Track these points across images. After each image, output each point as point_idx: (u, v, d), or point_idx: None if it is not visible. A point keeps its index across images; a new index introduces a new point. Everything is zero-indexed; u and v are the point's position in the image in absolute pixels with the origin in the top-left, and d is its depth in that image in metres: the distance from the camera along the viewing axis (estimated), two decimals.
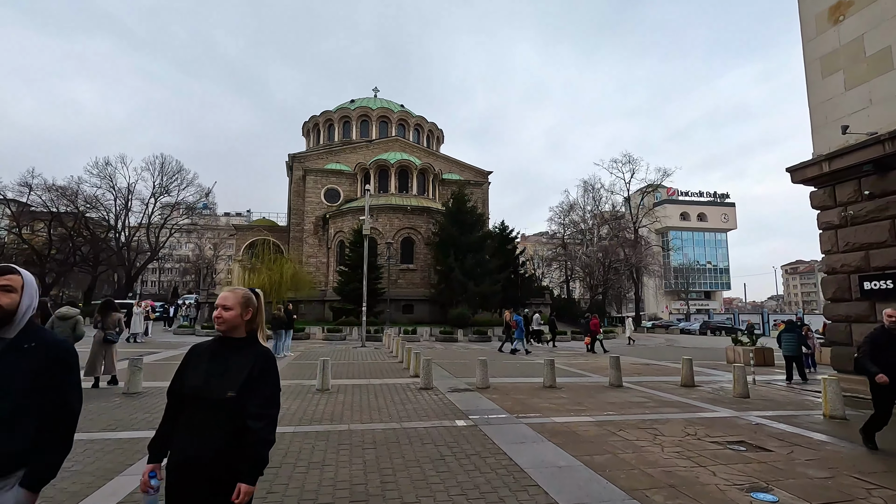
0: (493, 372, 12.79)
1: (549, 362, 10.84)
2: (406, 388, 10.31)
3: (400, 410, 7.95)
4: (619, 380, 11.01)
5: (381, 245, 37.74)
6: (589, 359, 18.34)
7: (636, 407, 8.61)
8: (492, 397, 9.29)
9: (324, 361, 9.83)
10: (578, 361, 17.04)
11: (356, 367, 14.04)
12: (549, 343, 25.94)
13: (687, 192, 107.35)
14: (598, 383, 11.56)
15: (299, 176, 45.45)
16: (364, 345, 21.74)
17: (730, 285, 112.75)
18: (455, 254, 34.92)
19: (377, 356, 17.46)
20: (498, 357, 18.32)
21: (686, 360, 11.44)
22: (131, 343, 20.90)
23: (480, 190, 47.95)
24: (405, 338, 26.32)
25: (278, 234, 47.78)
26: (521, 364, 15.86)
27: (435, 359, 16.51)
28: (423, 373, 10.23)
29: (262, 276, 35.17)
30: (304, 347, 20.75)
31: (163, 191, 53.32)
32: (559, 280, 74.92)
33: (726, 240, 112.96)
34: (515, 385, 11.03)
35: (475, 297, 34.42)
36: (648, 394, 10.09)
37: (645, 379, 12.60)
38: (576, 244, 61.77)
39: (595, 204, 59.03)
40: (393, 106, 54.01)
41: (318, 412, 7.76)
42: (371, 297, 34.26)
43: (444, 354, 18.78)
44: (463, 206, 37.05)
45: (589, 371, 13.99)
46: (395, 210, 39.53)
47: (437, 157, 49.56)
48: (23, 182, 42.42)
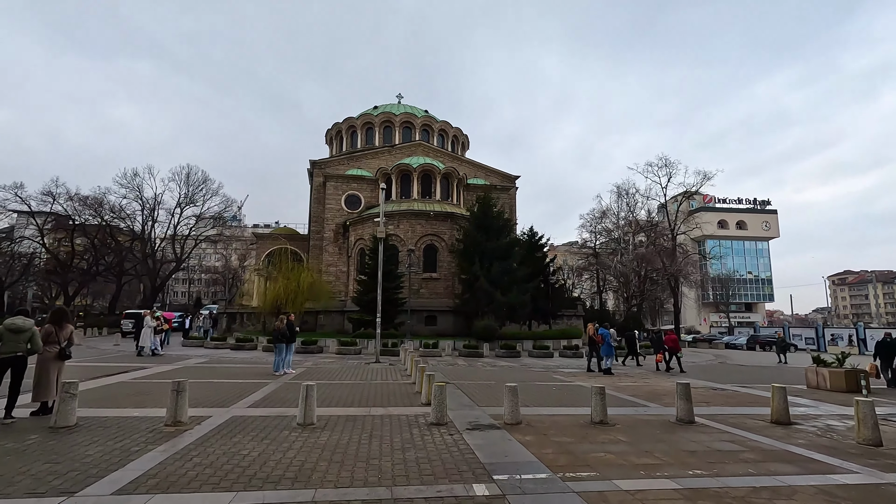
0: (525, 398, 10.42)
1: (598, 389, 8.40)
2: (413, 422, 8.04)
3: (396, 463, 5.70)
4: (689, 414, 8.48)
5: (402, 253, 35.75)
6: (637, 380, 15.68)
7: (731, 461, 6.11)
8: (525, 439, 6.94)
9: (307, 388, 7.66)
10: (626, 384, 14.43)
11: (360, 389, 11.85)
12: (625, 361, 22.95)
13: (724, 200, 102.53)
14: (660, 417, 9.05)
15: (319, 182, 44.04)
16: (378, 360, 19.57)
17: (773, 297, 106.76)
18: (480, 261, 32.57)
19: (389, 375, 15.25)
20: (528, 377, 15.86)
21: (778, 389, 8.81)
22: (140, 357, 19.29)
23: (508, 195, 45.56)
24: (425, 352, 24.07)
25: (299, 243, 46.40)
26: (558, 388, 13.38)
27: (455, 379, 14.24)
28: (436, 402, 7.95)
29: (279, 285, 33.67)
30: (311, 363, 18.72)
31: (188, 201, 53.03)
32: (590, 291, 71.58)
33: (768, 249, 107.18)
34: (554, 419, 8.62)
35: (502, 308, 31.92)
36: (735, 436, 7.54)
37: (718, 411, 9.99)
38: (608, 253, 58.58)
39: (629, 210, 55.86)
40: (416, 111, 52.38)
41: (282, 463, 5.57)
42: (391, 308, 32.23)
43: (465, 374, 16.43)
44: (489, 210, 34.74)
45: (644, 398, 11.42)
46: (418, 216, 37.53)
47: (462, 162, 47.50)
48: (46, 191, 42.32)
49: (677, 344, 20.18)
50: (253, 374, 14.39)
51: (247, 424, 7.61)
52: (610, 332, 28.30)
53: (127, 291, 63.60)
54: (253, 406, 9.31)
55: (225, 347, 25.02)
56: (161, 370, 15.15)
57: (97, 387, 11.25)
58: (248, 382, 12.54)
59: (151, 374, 14.25)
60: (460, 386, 12.73)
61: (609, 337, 17.79)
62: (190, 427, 7.25)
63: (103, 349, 23.76)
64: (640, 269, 50.12)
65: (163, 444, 6.32)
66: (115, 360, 18.53)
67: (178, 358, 19.51)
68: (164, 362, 17.47)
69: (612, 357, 17.88)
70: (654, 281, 54.31)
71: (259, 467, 5.40)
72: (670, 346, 19.67)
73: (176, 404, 7.39)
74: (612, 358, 17.87)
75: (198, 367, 16.47)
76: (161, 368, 15.58)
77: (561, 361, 23.15)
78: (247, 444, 6.39)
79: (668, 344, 19.66)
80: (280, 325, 14.80)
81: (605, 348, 17.54)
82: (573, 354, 25.69)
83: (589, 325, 19.42)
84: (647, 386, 14.06)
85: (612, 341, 23.43)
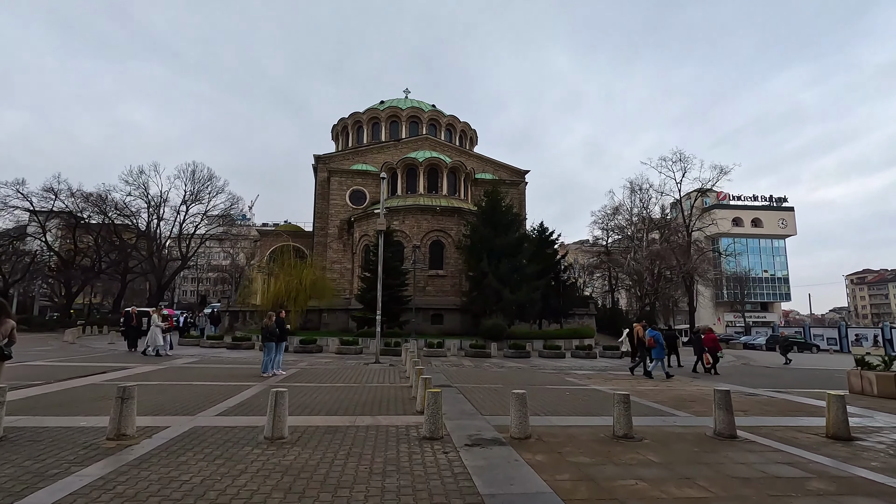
0: (536, 405, 9.19)
1: (622, 398, 7.11)
2: (403, 435, 6.83)
3: (371, 494, 4.48)
4: (731, 427, 7.17)
5: (407, 249, 34.60)
6: (659, 384, 14.33)
7: (798, 492, 4.81)
8: (535, 460, 5.69)
9: (276, 395, 6.47)
10: (647, 388, 13.11)
11: (351, 394, 10.67)
12: None
13: (739, 197, 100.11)
14: (694, 430, 7.74)
15: (324, 178, 43.01)
16: (378, 360, 18.41)
17: (789, 296, 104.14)
18: (489, 258, 31.31)
19: (387, 377, 14.06)
20: (538, 380, 14.59)
21: (835, 398, 7.43)
22: (149, 356, 18.26)
23: (517, 190, 44.18)
24: (430, 352, 22.87)
25: (303, 240, 45.47)
26: (572, 393, 12.09)
27: (458, 382, 13.02)
28: (429, 412, 6.72)
29: (280, 282, 32.67)
30: (306, 363, 17.59)
31: (194, 198, 52.33)
32: (602, 290, 69.90)
33: (784, 247, 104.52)
34: (570, 432, 7.35)
35: (511, 306, 30.66)
36: (791, 456, 6.23)
37: (759, 422, 8.66)
38: (621, 251, 56.96)
39: (643, 206, 54.20)
40: (423, 105, 51.20)
41: (226, 494, 4.39)
42: (396, 306, 31.09)
43: (470, 376, 15.19)
44: (497, 205, 33.45)
45: (669, 405, 10.10)
46: (424, 211, 36.35)
47: (470, 156, 46.21)
48: (48, 188, 41.70)
49: (718, 343, 18.73)
50: (239, 376, 13.27)
51: (205, 438, 6.45)
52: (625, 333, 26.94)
53: (134, 290, 63.18)
54: (223, 414, 8.15)
55: (221, 346, 24.04)
56: (143, 370, 14.10)
57: (60, 390, 10.19)
58: (229, 385, 11.41)
59: (131, 374, 13.19)
60: (463, 390, 11.50)
61: (661, 338, 16.41)
62: (136, 441, 6.09)
63: (95, 347, 22.88)
64: (654, 266, 48.51)
65: (92, 464, 5.17)
66: (101, 359, 17.57)
67: (169, 357, 18.49)
68: (150, 362, 16.43)
69: (662, 361, 16.42)
70: (669, 279, 52.66)
71: (193, 501, 4.22)
72: (711, 346, 18.20)
73: (120, 414, 6.23)
74: (662, 362, 16.41)
75: (184, 367, 15.41)
76: (144, 369, 14.54)
77: (573, 362, 21.83)
78: (193, 466, 5.21)
79: (709, 344, 18.17)
80: (269, 322, 13.67)
81: (657, 351, 16.12)
82: (586, 355, 24.36)
83: (636, 326, 18.05)
84: (670, 390, 12.72)
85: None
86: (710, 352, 18.19)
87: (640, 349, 17.18)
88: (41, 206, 41.79)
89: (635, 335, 17.78)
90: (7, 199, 40.53)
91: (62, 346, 23.94)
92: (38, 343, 25.34)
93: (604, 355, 25.19)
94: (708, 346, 18.17)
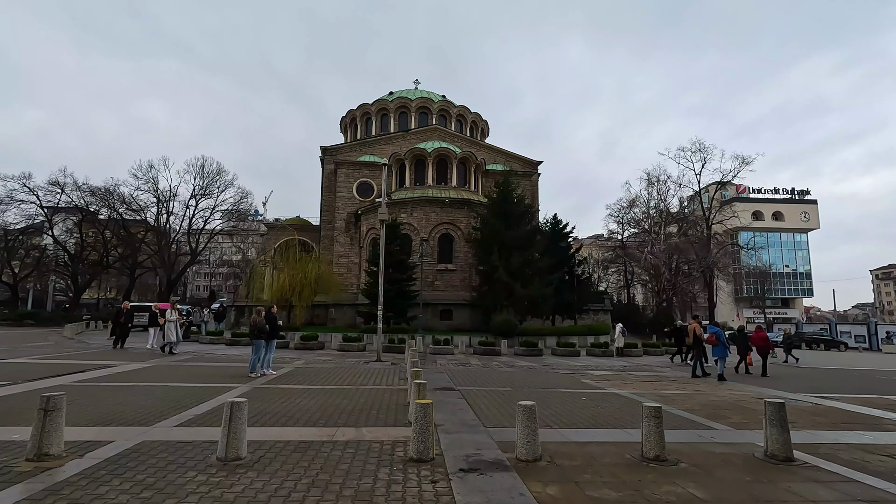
0: (548, 413, 7.99)
1: (652, 411, 5.85)
2: (387, 455, 5.67)
3: None
4: (786, 448, 5.88)
5: (415, 242, 33.46)
6: (685, 386, 12.99)
7: None
8: (546, 495, 4.49)
9: (232, 407, 5.34)
10: (672, 392, 11.80)
11: (341, 398, 9.55)
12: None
13: (760, 189, 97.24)
14: (739, 449, 6.46)
15: (330, 170, 42.04)
16: (380, 359, 17.29)
17: (812, 291, 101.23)
18: (499, 251, 30.03)
19: (386, 378, 12.94)
20: (551, 382, 13.34)
21: None
22: (165, 353, 17.46)
23: (529, 182, 42.74)
24: (436, 350, 21.73)
25: (311, 234, 44.59)
26: (590, 398, 10.84)
27: (462, 384, 11.83)
28: (418, 428, 5.53)
29: (284, 277, 31.79)
30: (303, 361, 16.54)
31: (202, 193, 51.84)
32: (617, 285, 68.16)
33: (807, 241, 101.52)
34: (588, 451, 6.13)
35: (523, 302, 29.35)
36: (870, 489, 4.94)
37: (813, 437, 7.34)
38: (637, 244, 55.22)
39: (660, 198, 52.37)
40: (433, 96, 49.91)
41: None
42: (403, 301, 30.00)
43: (477, 377, 14.00)
44: (509, 195, 32.09)
45: (705, 416, 8.78)
46: (432, 203, 35.16)
47: (481, 147, 44.83)
48: (53, 181, 41.30)
49: (768, 342, 16.96)
50: (225, 376, 12.25)
51: (148, 458, 5.35)
52: (617, 328, 25.38)
53: (146, 285, 63.09)
54: (185, 424, 7.07)
55: (220, 343, 23.17)
56: (125, 369, 13.16)
57: (17, 393, 9.21)
58: (209, 387, 10.37)
59: (110, 374, 12.25)
60: (466, 394, 10.33)
61: (722, 336, 15.08)
62: (59, 463, 5.01)
63: (91, 344, 22.14)
64: (671, 261, 46.78)
65: None
66: (90, 356, 16.73)
67: (161, 354, 17.59)
68: (139, 360, 15.53)
69: (723, 360, 14.94)
70: (687, 274, 50.86)
71: None
72: (760, 346, 16.55)
73: (42, 430, 5.14)
74: (723, 361, 14.91)
75: (171, 366, 14.46)
76: (127, 367, 13.60)
77: (589, 361, 20.52)
78: (112, 501, 4.11)
79: (758, 343, 16.53)
80: (258, 318, 12.62)
81: (718, 349, 14.77)
82: (602, 353, 22.99)
83: (692, 323, 16.70)
84: (699, 395, 11.39)
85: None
86: (760, 352, 16.56)
87: (694, 348, 15.90)
88: (47, 200, 41.46)
89: (690, 333, 16.43)
90: (14, 193, 40.26)
91: (59, 341, 23.27)
92: (35, 339, 24.75)
93: (621, 353, 23.82)
94: (757, 346, 16.53)
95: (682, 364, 20.24)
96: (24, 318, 39.09)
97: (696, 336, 15.78)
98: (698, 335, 15.75)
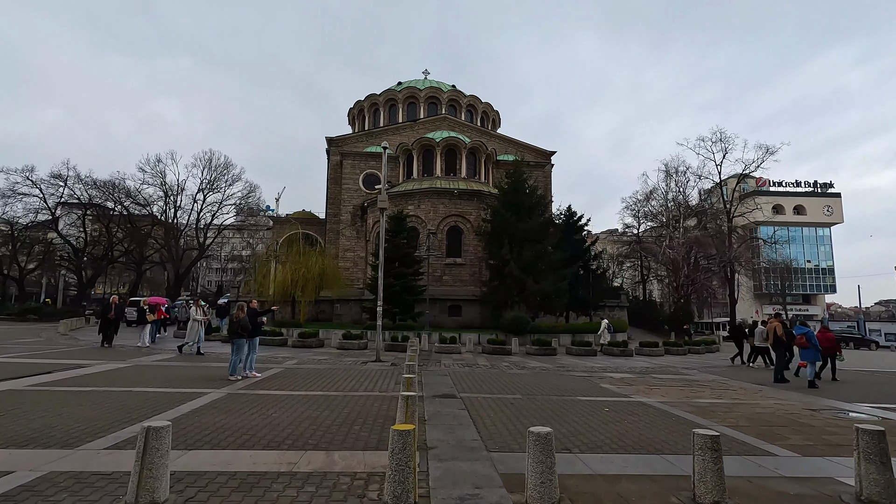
0: (566, 431, 6.57)
1: (708, 441, 4.39)
2: (354, 499, 4.30)
3: None
4: (890, 491, 4.39)
5: (423, 235, 32.10)
6: (720, 393, 11.42)
7: None
8: None
9: (147, 434, 4.00)
10: (708, 401, 10.26)
11: (323, 408, 8.22)
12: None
13: (780, 183, 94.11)
14: (818, 488, 4.96)
15: (336, 161, 40.82)
16: (380, 359, 15.96)
17: (835, 287, 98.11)
18: (510, 244, 28.58)
19: (382, 382, 11.62)
20: (566, 386, 11.89)
21: None
22: (190, 354, 16.10)
23: (542, 172, 41.11)
24: (442, 348, 20.37)
25: (317, 228, 43.50)
26: (613, 409, 9.38)
27: (467, 390, 10.42)
28: (394, 465, 4.13)
29: (287, 271, 30.67)
30: (295, 361, 15.27)
31: (210, 187, 51.11)
32: (632, 281, 66.22)
33: (830, 235, 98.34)
34: (620, 491, 4.69)
35: (535, 297, 27.88)
36: None
37: None
38: (654, 238, 53.28)
39: (679, 190, 50.36)
40: (443, 86, 48.39)
41: None
42: (410, 296, 28.69)
43: (484, 380, 12.59)
44: (520, 186, 30.59)
45: (755, 435, 7.27)
46: (440, 195, 33.74)
47: (492, 137, 43.24)
48: (56, 174, 40.62)
49: (836, 344, 14.69)
50: (201, 379, 11.00)
51: (39, 501, 4.05)
52: (602, 325, 23.64)
53: (154, 280, 62.68)
54: (118, 447, 5.74)
55: (216, 340, 22.02)
56: (97, 370, 12.00)
57: None
58: (177, 393, 9.12)
59: (76, 376, 11.06)
60: (470, 403, 8.94)
61: (814, 337, 13.40)
62: None
63: (81, 340, 21.12)
64: (690, 255, 44.84)
65: None
66: (70, 354, 15.66)
67: (145, 352, 16.46)
68: (119, 359, 14.38)
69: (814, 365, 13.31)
70: (706, 269, 48.87)
71: None
72: (827, 347, 14.16)
73: None
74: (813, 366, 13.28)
75: (148, 366, 13.28)
76: (101, 368, 12.45)
77: (607, 362, 18.99)
78: None
79: (825, 344, 14.07)
80: (239, 314, 11.33)
81: (809, 352, 13.08)
82: (621, 353, 21.40)
83: (773, 322, 15.02)
84: (740, 405, 9.86)
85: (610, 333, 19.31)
86: (826, 353, 14.29)
87: (776, 350, 14.37)
88: (49, 193, 40.82)
89: (770, 333, 14.74)
90: (16, 186, 39.65)
91: (49, 338, 22.34)
92: (28, 335, 23.88)
93: (641, 353, 22.25)
94: (823, 347, 14.43)
95: (743, 366, 18.65)
96: (28, 313, 38.52)
97: (778, 337, 14.09)
98: (780, 335, 14.05)
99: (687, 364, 19.19)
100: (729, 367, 18.40)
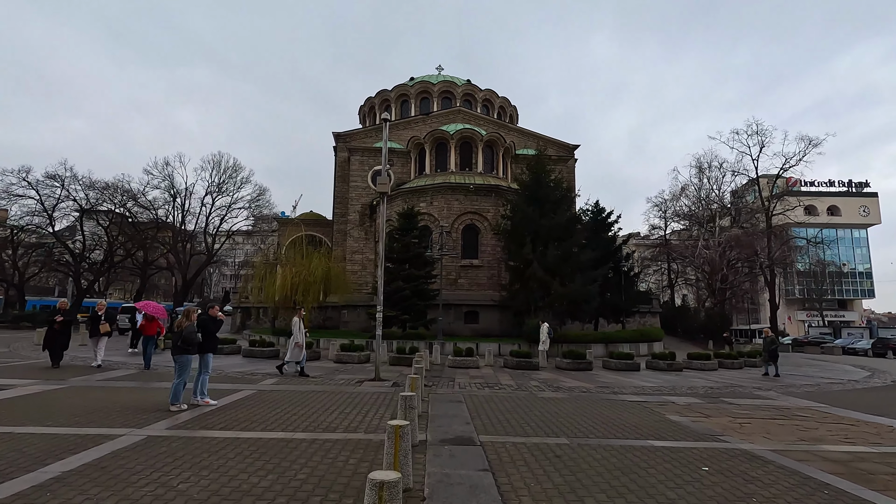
0: None
1: None
2: None
3: None
4: None
5: (436, 234, 29.23)
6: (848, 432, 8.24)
7: None
8: None
9: None
10: (841, 450, 7.12)
11: (264, 468, 5.31)
12: None
13: (812, 182, 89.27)
14: None
15: (344, 158, 38.30)
16: (378, 377, 13.02)
17: (873, 293, 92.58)
18: (533, 243, 25.50)
19: (369, 415, 8.70)
20: (622, 419, 8.83)
21: None
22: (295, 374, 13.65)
23: (566, 167, 37.94)
24: (457, 362, 17.36)
25: (324, 229, 41.01)
26: (710, 462, 6.32)
27: (489, 428, 6.94)
28: None
29: (287, 274, 28.04)
30: (273, 381, 12.40)
31: (218, 190, 49.21)
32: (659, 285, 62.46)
33: (867, 237, 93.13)
34: None
35: (562, 302, 24.70)
36: None
37: None
38: (685, 239, 49.69)
39: (713, 186, 46.78)
40: (457, 80, 45.66)
41: None
42: (421, 301, 25.77)
43: (511, 410, 9.57)
44: (543, 178, 27.51)
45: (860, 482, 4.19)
46: (455, 190, 30.85)
47: (510, 130, 40.23)
48: (52, 174, 38.82)
49: None
50: (134, 409, 8.21)
51: None
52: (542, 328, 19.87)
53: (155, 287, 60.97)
54: None
55: None
56: (10, 396, 9.32)
57: None
58: (77, 435, 6.32)
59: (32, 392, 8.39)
60: (492, 452, 5.97)
61: None
62: None
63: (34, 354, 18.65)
64: (728, 256, 41.25)
65: None
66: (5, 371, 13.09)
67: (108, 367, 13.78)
68: (56, 378, 11.72)
69: None
70: (742, 271, 45.17)
71: None
72: None
73: None
74: None
75: (85, 387, 10.57)
76: (21, 392, 9.77)
77: (654, 378, 15.77)
78: None
79: None
80: (183, 322, 8.49)
81: None
82: (669, 367, 18.05)
83: None
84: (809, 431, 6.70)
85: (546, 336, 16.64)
86: None
87: None
88: (46, 194, 39.02)
89: None
90: (11, 188, 37.96)
91: (15, 349, 20.03)
92: None
93: (690, 366, 18.96)
94: None
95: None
96: (22, 320, 36.66)
97: None
98: None
99: (753, 381, 15.87)
100: (815, 387, 15.01)
